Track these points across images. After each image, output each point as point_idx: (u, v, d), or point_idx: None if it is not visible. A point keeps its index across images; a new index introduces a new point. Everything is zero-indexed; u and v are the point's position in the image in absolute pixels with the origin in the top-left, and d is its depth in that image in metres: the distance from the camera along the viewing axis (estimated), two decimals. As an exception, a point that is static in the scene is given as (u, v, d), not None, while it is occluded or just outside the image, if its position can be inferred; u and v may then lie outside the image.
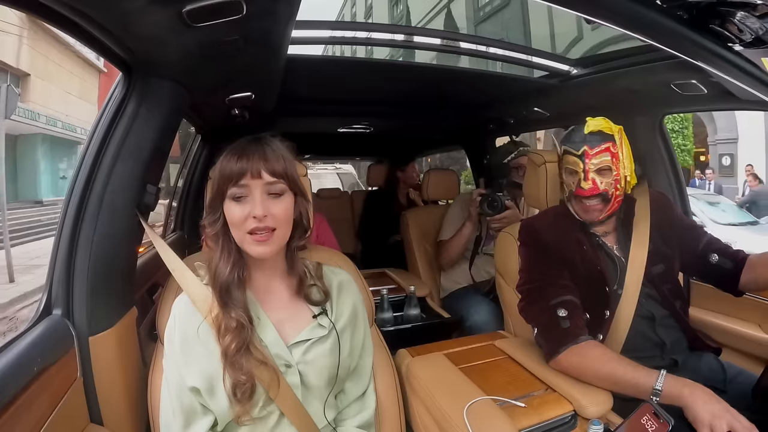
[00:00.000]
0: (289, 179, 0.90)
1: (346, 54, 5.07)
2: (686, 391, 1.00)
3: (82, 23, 0.83)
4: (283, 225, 0.89)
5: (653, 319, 1.31)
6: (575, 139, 1.31)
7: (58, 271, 1.02)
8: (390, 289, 2.07)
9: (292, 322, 0.95)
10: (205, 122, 2.18)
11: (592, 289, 1.29)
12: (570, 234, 1.35)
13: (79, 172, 1.04)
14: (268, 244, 0.88)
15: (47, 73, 12.83)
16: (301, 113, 2.47)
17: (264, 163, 0.87)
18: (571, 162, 1.31)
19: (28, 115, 11.51)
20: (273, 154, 0.89)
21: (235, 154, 0.88)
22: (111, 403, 1.05)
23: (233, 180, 0.87)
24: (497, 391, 1.17)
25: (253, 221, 0.86)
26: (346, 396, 1.03)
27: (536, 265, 1.34)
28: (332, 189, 4.71)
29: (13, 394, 0.77)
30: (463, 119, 2.77)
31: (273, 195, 0.88)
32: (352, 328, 1.01)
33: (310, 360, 0.93)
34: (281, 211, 0.88)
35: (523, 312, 1.34)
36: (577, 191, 1.29)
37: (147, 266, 1.50)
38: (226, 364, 0.85)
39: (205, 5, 0.81)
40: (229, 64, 1.23)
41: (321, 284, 1.00)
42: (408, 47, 1.79)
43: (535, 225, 1.42)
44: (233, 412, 0.85)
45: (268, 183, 0.87)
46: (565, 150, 1.33)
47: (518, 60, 1.81)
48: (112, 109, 1.06)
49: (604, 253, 1.35)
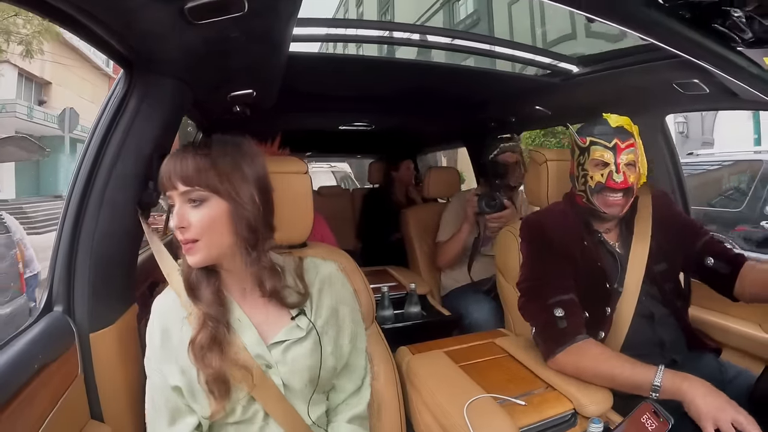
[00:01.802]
0: (210, 187, 0.84)
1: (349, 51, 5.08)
2: (685, 385, 1.00)
3: (84, 20, 0.82)
4: (206, 234, 0.84)
5: (653, 318, 1.31)
6: (603, 132, 1.28)
7: (59, 268, 1.02)
8: (390, 287, 2.07)
9: (270, 323, 0.93)
10: (207, 119, 2.18)
11: (593, 285, 1.29)
12: (573, 230, 1.34)
13: (80, 170, 1.04)
14: (193, 254, 0.85)
15: (64, 80, 14.12)
16: (302, 110, 2.47)
17: (176, 172, 0.84)
18: (601, 154, 1.27)
19: (52, 120, 12.78)
20: (194, 160, 0.84)
21: (164, 163, 0.86)
22: (112, 399, 1.05)
23: (162, 191, 0.88)
24: (497, 389, 1.17)
25: (177, 232, 0.85)
26: (340, 393, 1.02)
27: (537, 262, 1.33)
28: (333, 187, 4.71)
29: (14, 390, 0.77)
30: (464, 117, 2.77)
31: (193, 204, 0.85)
32: (335, 326, 0.99)
33: (290, 360, 0.91)
34: (201, 221, 0.84)
35: (521, 310, 1.33)
36: (609, 183, 1.25)
37: (148, 263, 1.50)
38: (193, 358, 0.84)
39: (207, 2, 0.81)
40: (230, 61, 1.23)
41: (299, 284, 0.96)
42: (412, 45, 1.79)
43: (537, 221, 1.41)
44: (211, 409, 0.85)
45: (182, 192, 0.84)
46: (591, 141, 1.29)
47: (520, 58, 1.81)
48: (114, 107, 1.06)
49: (605, 250, 1.34)
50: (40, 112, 12.50)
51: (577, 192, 1.34)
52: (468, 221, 2.24)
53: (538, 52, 1.81)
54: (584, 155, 1.30)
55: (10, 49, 10.30)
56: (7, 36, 9.70)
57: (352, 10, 26.88)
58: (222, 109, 1.84)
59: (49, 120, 12.83)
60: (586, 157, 1.30)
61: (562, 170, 1.57)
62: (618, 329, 1.28)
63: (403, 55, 10.45)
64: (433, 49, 1.88)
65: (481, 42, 1.80)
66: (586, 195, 1.31)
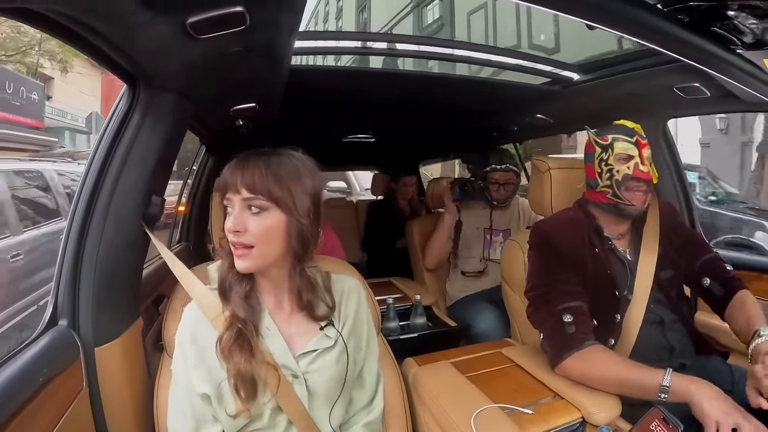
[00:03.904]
0: (273, 197, 0.86)
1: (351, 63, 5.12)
2: (693, 388, 0.99)
3: (87, 36, 0.83)
4: (261, 243, 0.87)
5: (663, 324, 1.30)
6: (622, 131, 1.31)
7: (63, 282, 1.03)
8: (396, 298, 2.06)
9: (300, 335, 0.95)
10: (210, 133, 2.19)
11: (602, 293, 1.29)
12: (582, 237, 1.34)
13: (85, 183, 1.05)
14: (245, 260, 0.87)
15: (65, 76, 14.44)
16: (304, 123, 2.48)
17: (242, 179, 0.86)
18: (625, 148, 1.29)
19: (58, 114, 13.77)
20: (260, 169, 0.86)
21: (229, 167, 0.88)
22: (117, 413, 1.05)
23: (221, 193, 0.89)
24: (504, 398, 1.16)
25: (230, 235, 0.86)
26: (355, 404, 1.03)
27: (544, 269, 1.33)
28: (338, 198, 4.71)
29: (19, 404, 0.77)
30: (466, 127, 2.78)
31: (253, 211, 0.86)
32: (356, 332, 1.01)
33: (317, 369, 0.93)
34: (260, 229, 0.86)
35: (530, 317, 1.33)
36: (636, 173, 1.26)
37: (152, 277, 1.51)
38: (220, 355, 0.85)
39: (208, 17, 0.82)
40: (232, 76, 1.24)
41: (328, 297, 0.99)
42: (411, 56, 1.81)
43: (545, 228, 1.40)
44: (237, 410, 0.85)
45: (244, 198, 0.86)
46: (614, 138, 1.31)
47: (520, 67, 1.82)
48: (117, 121, 1.07)
49: (616, 257, 1.34)
50: (48, 107, 13.11)
51: (600, 189, 1.33)
52: (447, 210, 2.34)
53: (538, 60, 1.82)
54: (607, 152, 1.31)
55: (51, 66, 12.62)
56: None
57: (333, 4, 28.74)
58: (225, 122, 1.85)
59: (58, 114, 13.74)
60: (609, 153, 1.30)
61: (566, 178, 1.57)
62: (627, 336, 1.27)
63: (403, 65, 10.73)
64: (437, 60, 1.90)
65: (483, 52, 1.81)
66: (612, 189, 1.30)
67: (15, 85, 10.19)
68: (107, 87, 13.62)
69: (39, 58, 11.91)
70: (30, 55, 11.84)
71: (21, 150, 9.78)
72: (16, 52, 11.41)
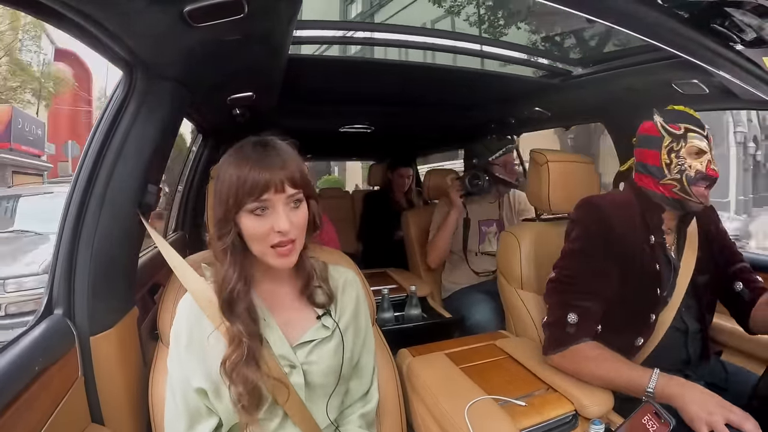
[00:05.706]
0: (306, 186, 0.87)
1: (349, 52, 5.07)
2: (678, 391, 1.00)
3: (83, 23, 0.82)
4: (302, 234, 0.88)
5: (686, 333, 1.28)
6: (694, 121, 1.21)
7: (59, 271, 1.02)
8: (391, 289, 2.07)
9: (296, 323, 0.94)
10: (207, 122, 2.18)
11: (643, 289, 1.22)
12: (635, 224, 1.25)
13: (81, 172, 1.04)
14: (291, 256, 0.86)
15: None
16: (302, 113, 2.47)
17: (285, 175, 0.83)
18: (699, 142, 1.19)
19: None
20: (290, 162, 0.85)
21: (251, 164, 0.82)
22: (112, 402, 1.05)
23: (255, 195, 0.81)
24: (498, 390, 1.17)
25: (277, 235, 0.83)
26: (351, 395, 1.03)
27: (581, 252, 1.25)
28: (334, 189, 4.70)
29: (15, 393, 0.77)
30: (464, 119, 2.77)
31: (293, 206, 0.86)
32: (354, 324, 1.01)
33: (314, 360, 0.92)
34: (302, 221, 0.86)
35: (546, 294, 1.30)
36: (709, 172, 1.17)
37: (148, 266, 1.50)
38: (224, 374, 0.83)
39: (206, 5, 0.81)
40: (230, 64, 1.23)
41: (326, 286, 0.99)
42: (411, 47, 1.79)
43: (599, 203, 1.28)
44: (240, 420, 0.85)
45: (289, 196, 0.84)
46: (687, 129, 1.20)
47: (519, 60, 1.81)
48: (114, 109, 1.06)
49: (663, 253, 1.26)
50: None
51: (666, 182, 1.22)
52: (455, 206, 2.27)
53: (537, 53, 1.81)
54: (679, 143, 1.20)
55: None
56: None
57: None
58: (222, 111, 1.84)
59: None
60: (682, 145, 1.20)
61: (564, 171, 1.57)
62: (653, 339, 1.25)
63: (406, 56, 10.68)
64: (436, 51, 1.89)
65: (485, 44, 1.80)
66: (681, 185, 1.19)
67: (26, 122, 11.86)
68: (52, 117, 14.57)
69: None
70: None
71: (35, 175, 12.24)
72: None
